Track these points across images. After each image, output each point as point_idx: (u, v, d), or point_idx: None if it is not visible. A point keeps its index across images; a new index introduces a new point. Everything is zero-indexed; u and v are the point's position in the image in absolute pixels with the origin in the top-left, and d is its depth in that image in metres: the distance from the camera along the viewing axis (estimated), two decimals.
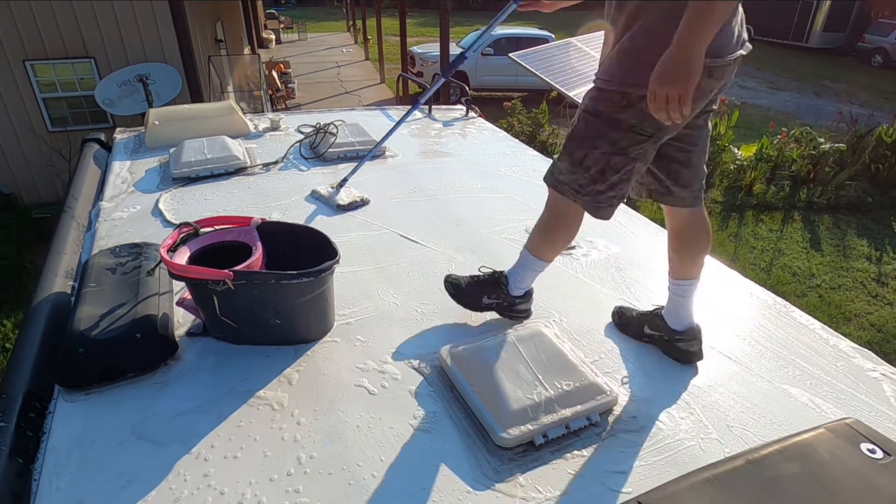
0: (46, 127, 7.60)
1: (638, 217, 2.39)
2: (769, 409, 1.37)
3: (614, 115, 1.25)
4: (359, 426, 1.29)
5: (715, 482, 0.96)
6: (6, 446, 1.16)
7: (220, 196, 2.47)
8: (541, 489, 1.14)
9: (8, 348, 4.96)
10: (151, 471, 1.15)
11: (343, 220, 2.28)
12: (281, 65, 12.84)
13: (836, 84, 15.89)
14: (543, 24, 16.15)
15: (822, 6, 19.14)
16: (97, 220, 2.21)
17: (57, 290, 1.72)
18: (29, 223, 7.17)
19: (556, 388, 1.31)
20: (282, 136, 3.28)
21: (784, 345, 1.61)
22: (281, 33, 20.46)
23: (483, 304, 1.63)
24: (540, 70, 5.09)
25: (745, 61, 1.31)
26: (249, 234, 1.58)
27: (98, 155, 2.97)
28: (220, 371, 1.43)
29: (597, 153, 1.30)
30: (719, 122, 8.32)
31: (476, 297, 1.63)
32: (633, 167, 1.31)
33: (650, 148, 1.29)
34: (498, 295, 1.61)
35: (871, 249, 6.73)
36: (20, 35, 7.01)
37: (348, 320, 1.65)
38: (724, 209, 7.59)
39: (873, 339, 5.18)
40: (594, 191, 1.35)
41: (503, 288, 1.61)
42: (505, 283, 1.61)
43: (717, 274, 1.98)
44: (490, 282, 1.63)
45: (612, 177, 1.31)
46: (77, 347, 1.34)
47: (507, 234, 2.20)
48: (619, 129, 1.25)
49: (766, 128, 9.57)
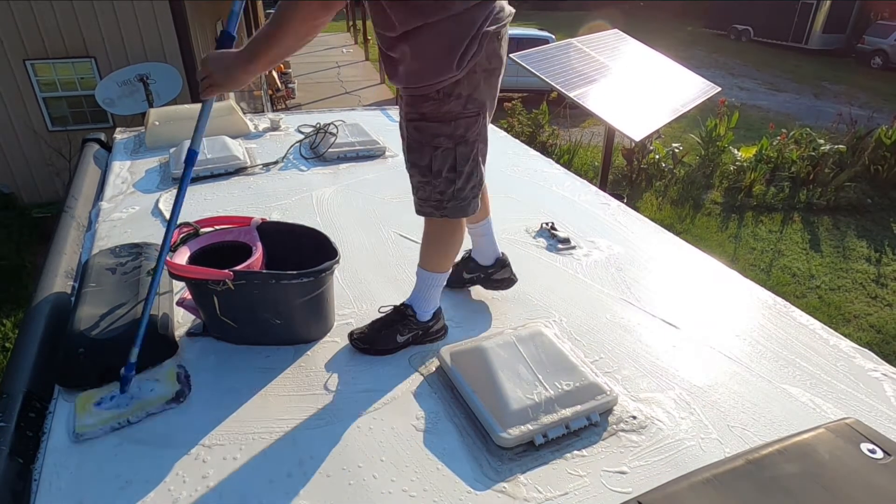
0: (47, 126, 7.60)
1: (638, 217, 2.39)
2: (769, 409, 1.37)
3: (440, 110, 1.28)
4: (359, 426, 1.29)
5: (715, 482, 0.96)
6: (6, 446, 1.16)
7: (220, 196, 2.47)
8: (541, 489, 1.14)
9: (8, 348, 4.96)
10: (150, 471, 1.15)
11: (343, 221, 2.28)
12: (281, 65, 12.84)
13: (835, 85, 15.91)
14: (544, 24, 16.17)
15: (821, 7, 19.16)
16: (97, 219, 2.21)
17: (57, 290, 1.72)
18: (29, 223, 7.16)
19: (556, 388, 1.31)
20: (282, 136, 3.28)
21: (784, 345, 1.61)
22: None
23: (399, 343, 1.53)
24: (540, 70, 5.09)
25: (745, 62, 1.31)
26: (249, 234, 1.59)
27: (98, 155, 2.97)
28: (220, 371, 1.43)
29: (440, 151, 1.32)
30: (719, 124, 8.33)
31: (390, 340, 1.52)
32: (478, 149, 1.35)
33: (483, 126, 1.34)
34: (409, 327, 1.52)
35: (870, 251, 6.74)
36: (20, 34, 7.01)
37: (348, 320, 1.65)
38: (723, 210, 7.60)
39: (873, 340, 5.18)
40: (454, 192, 1.37)
41: (412, 319, 1.52)
42: (412, 314, 1.52)
43: (717, 274, 1.98)
44: (396, 318, 1.53)
45: (465, 167, 1.34)
46: (77, 347, 1.34)
47: (507, 235, 2.20)
48: (451, 120, 1.28)
49: (765, 129, 9.58)
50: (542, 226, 2.25)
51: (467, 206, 1.40)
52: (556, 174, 2.87)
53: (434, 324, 1.57)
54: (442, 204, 1.39)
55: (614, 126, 4.77)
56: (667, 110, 5.31)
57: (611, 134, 5.24)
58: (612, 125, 4.79)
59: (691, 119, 8.78)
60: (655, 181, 8.21)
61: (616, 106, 4.98)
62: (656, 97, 5.49)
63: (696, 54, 17.85)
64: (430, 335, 1.57)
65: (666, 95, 5.57)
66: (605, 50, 6.04)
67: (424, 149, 1.33)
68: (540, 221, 2.28)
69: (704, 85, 6.06)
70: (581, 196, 2.60)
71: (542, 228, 2.24)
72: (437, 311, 1.57)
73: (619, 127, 4.74)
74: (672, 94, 5.62)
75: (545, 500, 1.12)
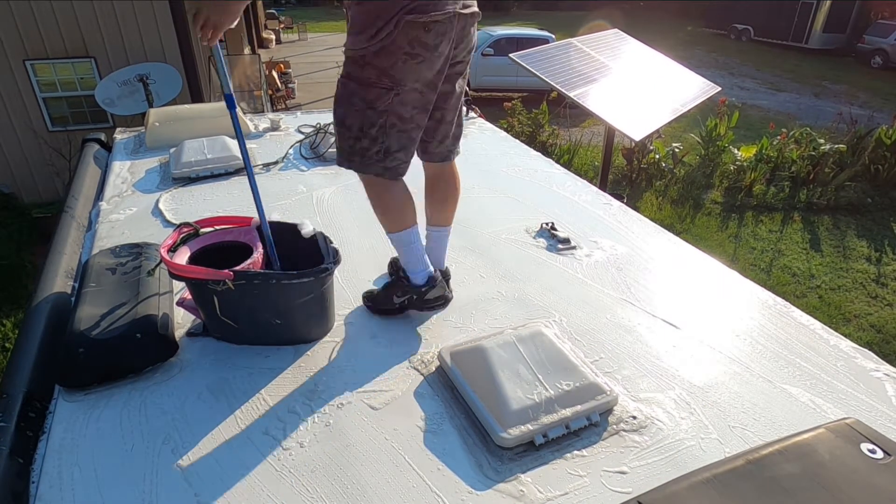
0: (47, 126, 7.60)
1: (638, 217, 2.39)
2: (769, 409, 1.37)
3: (360, 74, 1.43)
4: (359, 426, 1.29)
5: (715, 482, 0.96)
6: (6, 446, 1.16)
7: (220, 196, 2.47)
8: (541, 489, 1.14)
9: (8, 348, 4.96)
10: (151, 471, 1.15)
11: (343, 221, 2.28)
12: (281, 65, 12.83)
13: (835, 85, 15.90)
14: (544, 24, 16.16)
15: (822, 7, 19.15)
16: (97, 220, 2.21)
17: (57, 290, 1.72)
18: (29, 223, 7.16)
19: (556, 388, 1.31)
20: (282, 136, 3.28)
21: (784, 345, 1.61)
22: (281, 33, 20.45)
23: (396, 305, 1.67)
24: (540, 70, 5.09)
25: (745, 61, 1.32)
26: (249, 234, 1.59)
27: (98, 155, 2.97)
28: (220, 371, 1.43)
29: (354, 110, 1.46)
30: (719, 123, 8.33)
31: (388, 300, 1.67)
32: (388, 121, 1.46)
33: (396, 102, 1.44)
34: (404, 290, 1.65)
35: (870, 250, 6.74)
36: (20, 35, 7.01)
37: (348, 320, 1.65)
38: (723, 210, 7.60)
39: (873, 339, 5.18)
40: (360, 149, 1.49)
41: (405, 282, 1.65)
42: (405, 276, 1.65)
43: (717, 274, 1.98)
44: (394, 282, 1.69)
45: (371, 131, 1.47)
46: (77, 347, 1.34)
47: (508, 235, 2.20)
48: (365, 85, 1.43)
49: (765, 129, 9.57)
50: (542, 226, 2.25)
51: (372, 165, 1.51)
52: (556, 174, 2.87)
53: (428, 290, 1.65)
54: (350, 157, 1.52)
55: (614, 126, 4.76)
56: (667, 110, 5.31)
57: (611, 134, 5.24)
58: (612, 125, 4.79)
59: (691, 119, 8.79)
60: (655, 181, 8.21)
61: (616, 106, 4.97)
62: (656, 97, 5.49)
63: (696, 54, 17.85)
64: (426, 302, 1.67)
65: (666, 95, 5.57)
66: (605, 50, 6.04)
67: (343, 104, 1.48)
68: (540, 221, 2.28)
69: (704, 84, 6.06)
70: (581, 196, 2.60)
71: (542, 228, 2.24)
72: (431, 277, 1.66)
73: (619, 127, 4.73)
74: (672, 94, 5.61)
75: (545, 499, 1.12)
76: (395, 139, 1.48)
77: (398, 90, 1.43)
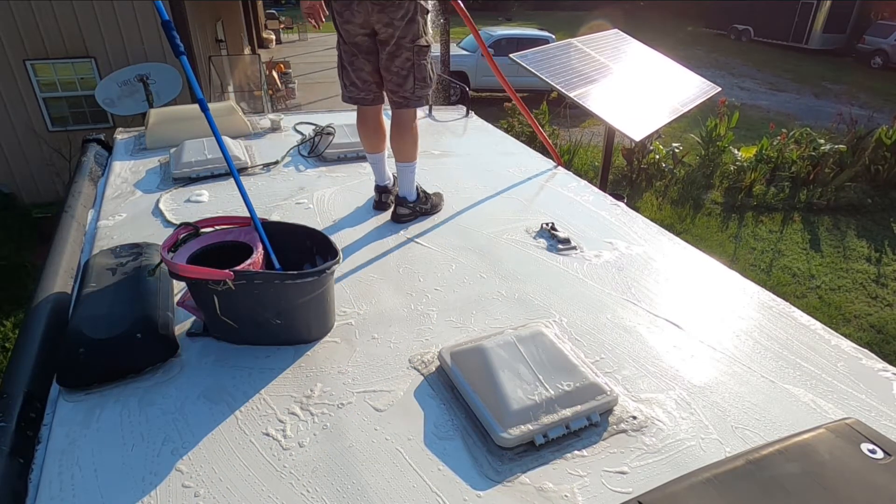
0: (47, 126, 7.61)
1: (639, 217, 2.40)
2: (769, 409, 1.37)
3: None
4: (359, 427, 1.29)
5: (715, 482, 0.96)
6: (6, 446, 1.16)
7: (220, 196, 2.47)
8: (541, 489, 1.14)
9: (8, 348, 4.96)
10: (151, 471, 1.15)
11: (343, 221, 2.28)
12: (281, 65, 12.83)
13: (835, 85, 15.90)
14: (544, 24, 16.16)
15: (821, 7, 19.16)
16: (97, 220, 2.21)
17: (57, 290, 1.72)
18: (29, 223, 7.16)
19: (556, 388, 1.30)
20: (282, 136, 3.28)
21: (784, 345, 1.61)
22: (281, 33, 20.46)
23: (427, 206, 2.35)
24: (540, 70, 5.08)
25: (745, 62, 1.32)
26: (249, 234, 1.58)
27: (98, 155, 2.97)
28: (220, 371, 1.43)
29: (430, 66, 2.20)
30: (719, 124, 8.33)
31: (416, 210, 2.32)
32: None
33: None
34: (412, 210, 2.29)
35: (870, 251, 6.74)
36: (20, 35, 7.01)
37: (348, 320, 1.66)
38: (724, 210, 7.60)
39: (873, 340, 5.18)
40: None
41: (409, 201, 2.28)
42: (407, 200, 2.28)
43: (717, 274, 1.98)
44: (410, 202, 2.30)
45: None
46: (77, 347, 1.34)
47: (508, 234, 2.20)
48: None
49: (765, 129, 9.58)
50: (543, 226, 2.25)
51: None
52: (556, 174, 2.87)
53: (425, 199, 2.35)
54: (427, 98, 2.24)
55: (614, 126, 4.76)
56: (667, 110, 5.30)
57: (611, 134, 5.23)
58: (612, 125, 4.78)
59: (691, 119, 8.78)
60: (655, 181, 8.21)
61: (616, 106, 4.97)
62: (656, 97, 5.48)
63: (696, 54, 17.85)
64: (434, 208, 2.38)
65: (666, 95, 5.56)
66: (606, 50, 6.03)
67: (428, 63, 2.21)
68: (540, 221, 2.28)
69: (704, 85, 6.06)
70: (581, 196, 2.60)
71: (543, 229, 2.24)
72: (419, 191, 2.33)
73: (619, 127, 4.73)
74: (672, 94, 5.61)
75: (545, 500, 1.12)
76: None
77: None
